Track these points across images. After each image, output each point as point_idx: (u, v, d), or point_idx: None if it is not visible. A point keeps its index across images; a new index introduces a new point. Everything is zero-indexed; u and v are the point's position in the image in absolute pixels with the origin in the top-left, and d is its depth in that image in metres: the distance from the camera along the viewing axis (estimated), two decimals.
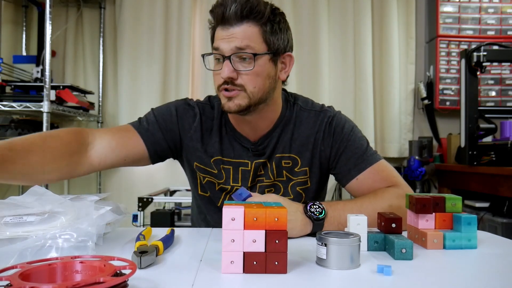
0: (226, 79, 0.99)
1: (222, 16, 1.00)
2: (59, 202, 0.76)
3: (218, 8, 1.00)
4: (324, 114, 1.13)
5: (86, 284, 0.46)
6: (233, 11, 0.98)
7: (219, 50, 1.00)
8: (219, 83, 1.02)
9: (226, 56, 0.99)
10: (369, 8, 2.84)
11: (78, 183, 2.84)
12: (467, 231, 0.81)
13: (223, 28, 1.00)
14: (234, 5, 0.98)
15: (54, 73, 2.62)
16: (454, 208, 0.84)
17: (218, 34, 1.02)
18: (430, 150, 2.80)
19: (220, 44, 1.00)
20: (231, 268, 0.63)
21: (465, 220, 0.80)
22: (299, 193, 1.12)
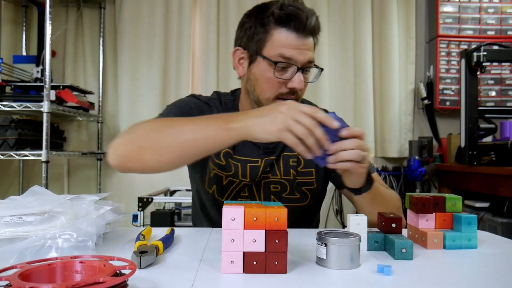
0: (298, 90, 1.00)
1: (304, 25, 0.97)
2: (59, 202, 0.76)
3: (299, 13, 0.97)
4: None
5: (86, 284, 0.46)
6: (313, 23, 0.98)
7: (291, 59, 0.98)
8: (281, 91, 1.01)
9: (299, 66, 0.99)
10: (369, 8, 2.84)
11: (78, 183, 2.84)
12: (467, 231, 0.81)
13: (298, 37, 0.98)
14: (313, 17, 0.99)
15: (54, 73, 2.62)
16: (454, 208, 0.84)
17: (291, 41, 0.98)
18: (430, 150, 2.80)
19: (294, 53, 0.98)
20: (231, 268, 0.63)
21: (465, 220, 0.80)
22: (305, 193, 1.13)
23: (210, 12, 2.77)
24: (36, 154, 2.06)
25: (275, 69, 0.99)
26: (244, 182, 1.10)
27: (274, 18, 0.98)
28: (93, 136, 2.80)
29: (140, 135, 0.88)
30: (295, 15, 0.96)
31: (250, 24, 1.03)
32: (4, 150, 2.10)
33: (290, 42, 0.98)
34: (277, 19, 0.98)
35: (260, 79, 1.02)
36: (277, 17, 0.98)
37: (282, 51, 0.98)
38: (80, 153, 2.47)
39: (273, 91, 1.01)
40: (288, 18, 0.97)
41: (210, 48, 2.76)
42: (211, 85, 2.74)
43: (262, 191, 1.10)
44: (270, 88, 1.01)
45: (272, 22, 0.99)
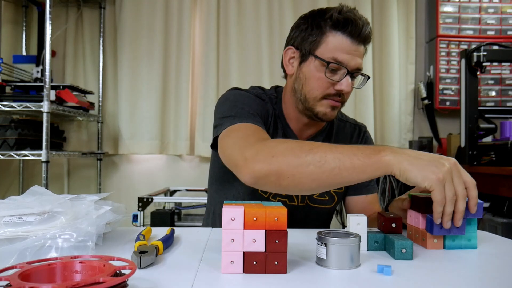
0: (346, 93, 1.04)
1: (359, 31, 1.01)
2: (59, 202, 0.76)
3: (357, 21, 1.00)
4: (360, 129, 1.25)
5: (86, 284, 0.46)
6: (367, 32, 1.02)
7: (343, 63, 1.01)
8: (329, 92, 1.04)
9: (349, 70, 1.02)
10: (369, 8, 2.84)
11: (78, 183, 2.84)
12: (467, 231, 0.81)
13: (352, 42, 1.01)
14: (368, 26, 1.02)
15: (54, 73, 2.62)
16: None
17: (345, 45, 1.01)
18: (430, 150, 2.80)
19: (346, 57, 1.01)
20: (231, 268, 0.63)
21: (466, 220, 0.80)
22: (332, 196, 1.18)
23: (210, 12, 2.76)
24: (36, 154, 2.06)
25: (326, 69, 1.02)
26: None
27: (332, 21, 1.02)
28: (93, 136, 2.80)
29: (280, 159, 0.81)
30: (352, 21, 1.00)
31: (306, 26, 1.06)
32: (4, 150, 2.10)
33: (344, 46, 1.01)
34: (335, 23, 1.01)
35: (310, 77, 1.05)
36: (335, 20, 1.01)
37: (335, 54, 1.01)
38: (80, 153, 2.47)
39: (321, 91, 1.04)
40: (345, 23, 1.00)
41: (210, 48, 2.76)
42: (211, 85, 2.74)
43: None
44: (318, 87, 1.04)
45: (329, 25, 1.02)
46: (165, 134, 2.77)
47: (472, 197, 0.76)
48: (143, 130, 2.73)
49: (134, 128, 2.74)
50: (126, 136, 2.74)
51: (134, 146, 2.75)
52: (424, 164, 0.75)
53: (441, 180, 0.73)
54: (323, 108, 1.05)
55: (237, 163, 0.86)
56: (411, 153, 0.78)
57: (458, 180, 0.74)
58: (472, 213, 0.78)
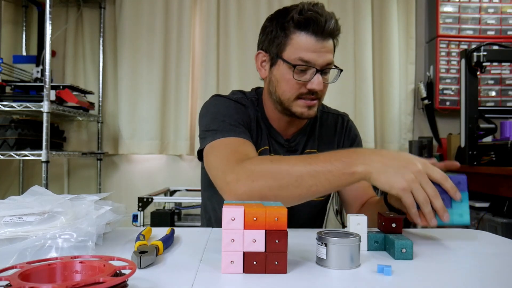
0: (318, 91, 1.03)
1: (322, 28, 1.00)
2: (59, 202, 0.76)
3: (319, 18, 1.00)
4: (342, 118, 1.25)
5: (86, 284, 0.46)
6: (331, 26, 1.01)
7: (310, 62, 1.01)
8: (301, 92, 1.04)
9: (318, 69, 1.02)
10: (369, 8, 2.84)
11: (78, 183, 2.84)
12: (458, 207, 0.81)
13: (317, 40, 1.01)
14: (332, 20, 1.01)
15: (54, 73, 2.62)
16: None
17: (309, 44, 1.01)
18: (430, 150, 2.80)
19: (313, 55, 1.01)
20: (231, 268, 0.63)
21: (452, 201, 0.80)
22: None
23: (210, 12, 2.76)
24: (36, 154, 2.06)
25: (294, 71, 1.02)
26: None
27: (294, 23, 1.02)
28: (93, 136, 2.80)
29: (260, 183, 0.86)
30: (313, 19, 1.00)
31: (271, 28, 1.07)
32: (4, 150, 2.10)
33: (309, 45, 1.01)
34: (296, 24, 1.01)
35: (280, 80, 1.06)
36: (296, 21, 1.01)
37: (301, 54, 1.01)
38: (80, 153, 2.47)
39: (293, 92, 1.05)
40: (307, 22, 1.00)
41: (210, 48, 2.76)
42: (211, 85, 2.74)
43: None
44: (290, 89, 1.05)
45: (291, 26, 1.02)
46: (165, 134, 2.77)
47: (448, 189, 0.79)
48: (143, 130, 2.73)
49: (134, 128, 2.74)
50: (126, 136, 2.74)
51: (134, 146, 2.75)
52: (392, 172, 0.79)
53: (406, 189, 0.77)
54: (299, 108, 1.06)
55: (220, 187, 0.91)
56: (382, 160, 0.81)
57: (425, 182, 0.78)
58: (457, 199, 0.79)
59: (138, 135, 2.74)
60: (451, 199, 0.79)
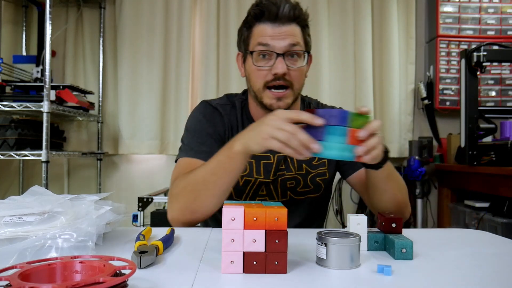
0: (281, 75, 1.04)
1: (275, 14, 1.04)
2: (59, 202, 0.76)
3: (270, 6, 1.04)
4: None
5: (86, 284, 0.46)
6: (286, 11, 1.04)
7: (269, 46, 1.04)
8: (267, 79, 1.06)
9: (279, 53, 1.04)
10: (369, 8, 2.84)
11: (78, 183, 2.84)
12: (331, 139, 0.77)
13: (273, 26, 1.04)
14: (287, 5, 1.04)
15: (54, 73, 2.62)
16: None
17: (266, 31, 1.05)
18: (430, 150, 2.80)
19: (271, 41, 1.04)
20: (231, 268, 0.63)
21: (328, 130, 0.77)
22: (319, 184, 1.18)
23: (210, 12, 2.76)
24: (36, 154, 2.06)
25: (254, 58, 1.06)
26: (259, 179, 1.14)
27: (252, 16, 1.07)
28: (93, 136, 2.80)
29: (180, 204, 0.99)
30: (267, 7, 1.04)
31: (241, 28, 1.13)
32: (4, 150, 2.10)
33: (266, 32, 1.05)
34: (254, 16, 1.07)
35: (250, 72, 1.09)
36: (253, 14, 1.06)
37: (260, 41, 1.05)
38: (80, 153, 2.47)
39: (260, 80, 1.07)
40: (261, 12, 1.05)
41: (210, 48, 2.76)
42: (211, 85, 2.74)
43: (279, 188, 1.15)
44: (257, 77, 1.07)
45: (251, 20, 1.08)
46: (165, 134, 2.77)
47: (305, 120, 0.79)
48: (143, 130, 2.73)
49: (134, 128, 2.74)
50: (126, 136, 2.73)
51: (134, 146, 2.75)
52: (254, 134, 0.86)
53: (266, 138, 0.83)
54: (268, 99, 1.07)
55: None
56: (248, 131, 0.89)
57: (281, 124, 0.81)
58: (316, 124, 0.77)
59: (138, 135, 2.74)
60: (324, 132, 0.77)
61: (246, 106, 1.19)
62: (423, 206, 2.80)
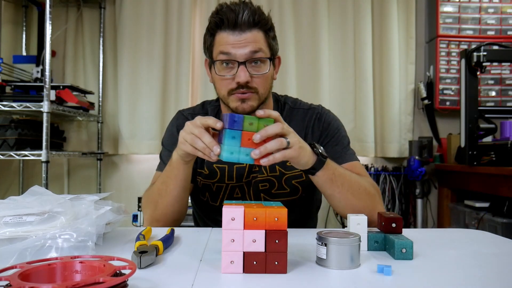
0: (243, 84, 1.03)
1: (234, 22, 1.03)
2: (59, 202, 0.76)
3: (229, 13, 1.03)
4: (312, 111, 1.21)
5: (86, 284, 0.46)
6: (245, 18, 1.03)
7: (230, 55, 1.03)
8: (231, 88, 1.06)
9: (240, 61, 1.03)
10: (369, 8, 2.84)
11: (78, 183, 2.84)
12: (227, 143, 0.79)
13: (233, 34, 1.04)
14: (246, 12, 1.03)
15: (54, 73, 2.62)
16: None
17: (227, 39, 1.04)
18: (430, 150, 2.80)
19: (232, 49, 1.03)
20: (231, 268, 0.63)
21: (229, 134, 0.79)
22: (295, 187, 1.16)
23: (210, 12, 2.76)
24: (36, 154, 2.06)
25: (217, 67, 1.06)
26: (231, 184, 1.14)
27: (212, 24, 1.07)
28: (93, 136, 2.80)
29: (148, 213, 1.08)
30: (226, 16, 1.03)
31: (205, 35, 1.12)
32: (4, 150, 2.10)
33: (227, 40, 1.04)
34: (214, 24, 1.06)
35: (215, 80, 1.11)
36: (214, 23, 1.06)
37: (221, 50, 1.05)
38: (80, 153, 2.47)
39: (224, 88, 1.08)
40: (221, 21, 1.04)
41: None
42: (211, 85, 2.71)
43: (252, 190, 1.15)
44: (221, 86, 1.08)
45: (212, 27, 1.07)
46: None
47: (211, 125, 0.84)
48: (143, 130, 2.73)
49: (134, 128, 2.74)
50: (126, 136, 2.73)
51: (134, 146, 2.74)
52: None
53: (182, 142, 0.89)
54: (234, 103, 1.07)
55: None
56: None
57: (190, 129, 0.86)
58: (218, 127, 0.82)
59: (138, 135, 2.74)
60: (223, 136, 0.80)
61: (219, 111, 1.21)
62: (423, 206, 2.80)
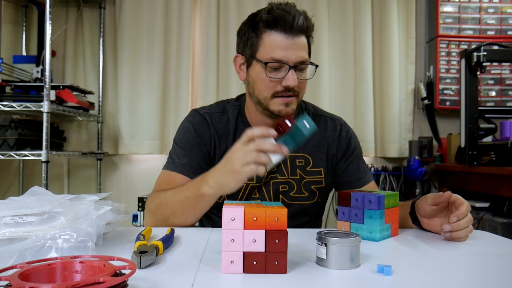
0: (293, 87, 1.04)
1: (291, 25, 1.02)
2: (59, 202, 0.76)
3: (286, 15, 1.02)
4: (335, 122, 1.24)
5: (86, 284, 0.46)
6: (300, 23, 1.02)
7: (282, 59, 1.03)
8: (277, 90, 1.06)
9: (291, 65, 1.03)
10: (369, 8, 2.84)
11: (78, 183, 2.84)
12: (369, 224, 0.87)
13: (287, 37, 1.03)
14: (301, 17, 1.03)
15: (54, 73, 2.62)
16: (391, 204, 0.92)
17: (281, 42, 1.03)
18: (430, 150, 2.80)
19: (285, 53, 1.03)
20: (231, 268, 0.63)
21: (367, 214, 0.87)
22: (313, 191, 1.18)
23: (210, 12, 2.76)
24: (36, 154, 2.06)
25: (267, 70, 1.04)
26: (251, 184, 1.14)
27: (263, 22, 1.04)
28: (93, 136, 2.80)
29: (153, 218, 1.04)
30: (281, 17, 1.02)
31: (244, 31, 1.10)
32: (4, 150, 2.10)
33: (280, 43, 1.03)
34: (266, 23, 1.04)
35: (256, 80, 1.08)
36: (265, 21, 1.04)
37: (273, 52, 1.03)
38: (80, 153, 2.47)
39: (269, 90, 1.06)
40: (275, 21, 1.03)
41: (210, 48, 2.76)
42: (211, 85, 2.74)
43: (272, 191, 1.15)
44: (266, 87, 1.06)
45: (262, 26, 1.05)
46: (165, 134, 2.77)
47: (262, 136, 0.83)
48: (143, 130, 2.73)
49: (134, 128, 2.74)
50: (126, 136, 2.73)
51: (134, 146, 2.74)
52: (223, 173, 0.88)
53: (239, 171, 0.83)
54: (277, 106, 1.07)
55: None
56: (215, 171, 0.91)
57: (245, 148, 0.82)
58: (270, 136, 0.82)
59: (138, 135, 2.74)
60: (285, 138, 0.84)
61: (242, 112, 1.19)
62: None
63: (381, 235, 0.87)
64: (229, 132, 1.16)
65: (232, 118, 1.17)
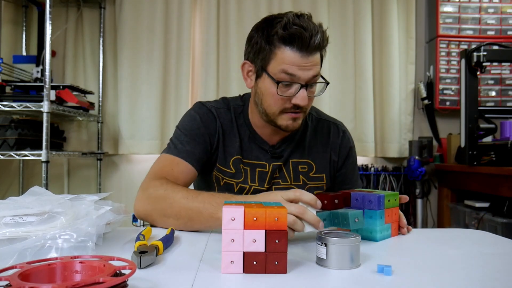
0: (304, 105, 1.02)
1: (307, 44, 0.98)
2: (59, 202, 0.76)
3: (303, 33, 0.97)
4: (338, 127, 1.23)
5: (86, 284, 0.46)
6: (318, 41, 0.99)
7: (295, 76, 1.00)
8: (286, 106, 1.04)
9: (303, 84, 1.01)
10: (369, 8, 2.84)
11: (78, 183, 2.84)
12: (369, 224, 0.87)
13: (301, 55, 0.99)
14: (318, 35, 0.99)
15: (54, 73, 2.62)
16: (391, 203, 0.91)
17: (294, 60, 0.99)
18: (430, 150, 2.80)
19: (298, 71, 1.00)
20: (231, 268, 0.63)
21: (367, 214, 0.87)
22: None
23: (210, 12, 2.76)
24: (36, 154, 2.06)
25: (278, 87, 1.01)
26: (254, 187, 1.14)
27: (278, 37, 1.00)
28: (93, 136, 2.80)
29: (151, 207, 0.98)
30: (298, 35, 0.97)
31: (257, 40, 1.05)
32: (4, 150, 2.10)
33: (294, 61, 0.99)
34: (281, 38, 0.99)
35: (265, 94, 1.05)
36: (281, 36, 0.99)
37: (285, 70, 1.00)
38: (80, 153, 2.47)
39: (278, 106, 1.05)
40: (291, 38, 0.98)
41: (210, 48, 2.76)
42: (211, 85, 2.74)
43: None
44: (275, 103, 1.05)
45: (276, 40, 1.00)
46: (165, 134, 2.77)
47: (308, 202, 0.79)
48: (143, 130, 2.73)
49: (134, 128, 2.74)
50: (126, 136, 2.73)
51: (134, 146, 2.74)
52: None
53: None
54: (284, 121, 1.06)
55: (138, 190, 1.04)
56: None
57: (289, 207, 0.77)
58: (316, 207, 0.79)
59: (138, 135, 2.74)
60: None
61: (245, 113, 1.18)
62: (423, 206, 2.80)
63: (381, 235, 0.87)
64: (233, 129, 1.15)
65: (235, 117, 1.17)
